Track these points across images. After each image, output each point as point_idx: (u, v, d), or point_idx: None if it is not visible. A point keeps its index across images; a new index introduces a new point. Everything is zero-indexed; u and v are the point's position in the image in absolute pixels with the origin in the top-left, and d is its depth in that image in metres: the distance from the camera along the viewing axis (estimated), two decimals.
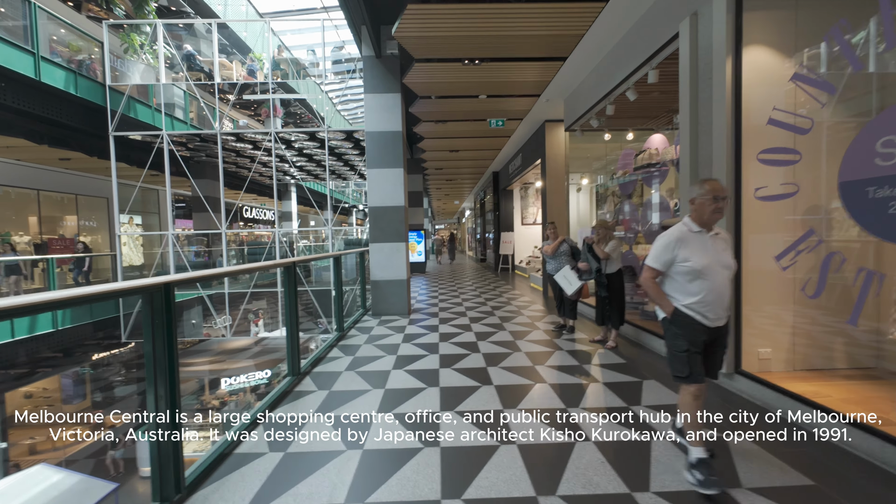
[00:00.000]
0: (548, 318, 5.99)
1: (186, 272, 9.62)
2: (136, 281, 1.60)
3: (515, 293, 8.56)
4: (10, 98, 7.31)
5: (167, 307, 1.82)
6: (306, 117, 15.10)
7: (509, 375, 3.51)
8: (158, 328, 1.79)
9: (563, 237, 5.01)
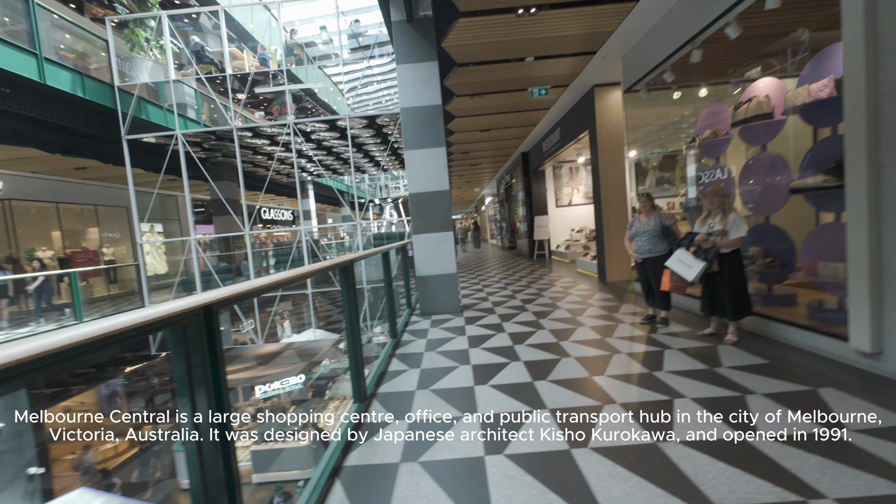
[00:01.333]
0: (623, 308, 5.21)
1: (221, 283, 9.12)
2: (163, 308, 0.94)
3: (566, 281, 7.77)
4: (17, 105, 6.82)
5: (210, 340, 1.14)
6: (318, 111, 14.45)
7: (630, 388, 2.77)
8: (200, 379, 1.12)
9: (658, 211, 4.19)
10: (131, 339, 0.87)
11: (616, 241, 7.17)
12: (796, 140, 4.00)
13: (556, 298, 6.14)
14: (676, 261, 3.66)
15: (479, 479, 1.92)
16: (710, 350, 3.39)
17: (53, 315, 8.25)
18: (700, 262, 3.47)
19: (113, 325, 0.80)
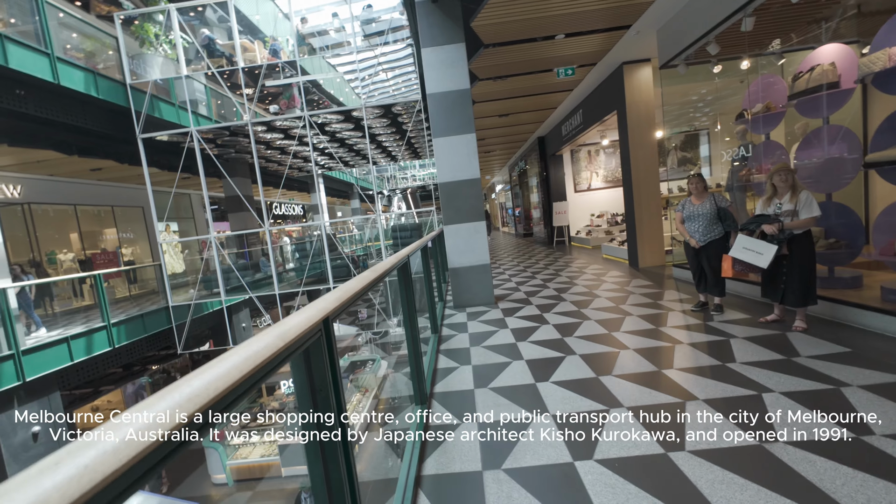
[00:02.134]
0: (667, 295, 5.01)
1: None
2: (294, 326, 0.79)
3: (595, 268, 7.56)
4: (32, 107, 6.71)
5: (329, 349, 1.00)
6: (325, 103, 14.19)
7: (707, 382, 2.60)
8: (321, 387, 0.98)
9: (712, 192, 3.96)
10: (274, 368, 0.72)
11: (648, 225, 6.94)
12: (857, 110, 3.73)
13: (591, 286, 5.96)
14: (741, 249, 3.41)
15: (577, 488, 1.78)
16: (779, 338, 3.20)
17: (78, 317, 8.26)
18: (771, 245, 3.23)
19: (253, 357, 0.65)
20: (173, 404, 0.47)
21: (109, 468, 0.35)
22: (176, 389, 0.51)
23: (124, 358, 7.83)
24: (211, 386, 0.53)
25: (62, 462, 0.33)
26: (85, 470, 0.34)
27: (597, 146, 11.72)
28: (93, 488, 0.34)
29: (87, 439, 0.37)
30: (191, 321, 8.73)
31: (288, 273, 12.04)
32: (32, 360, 5.72)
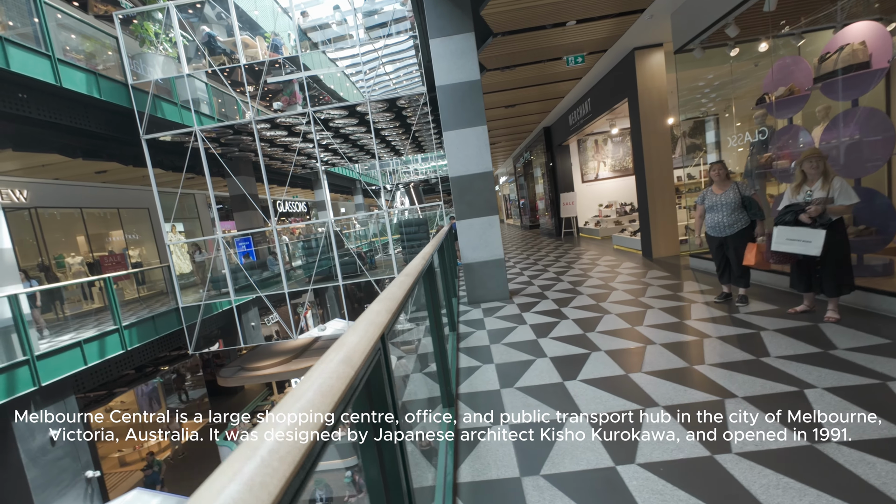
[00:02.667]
0: (686, 286, 4.91)
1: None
2: (358, 347, 0.71)
3: (608, 259, 7.46)
4: (35, 110, 6.64)
5: (387, 362, 0.93)
6: (325, 99, 14.03)
7: (744, 377, 2.51)
8: (379, 395, 0.90)
9: (735, 181, 3.84)
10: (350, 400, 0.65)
11: (662, 215, 6.81)
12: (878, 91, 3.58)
13: (607, 279, 5.86)
14: (785, 241, 3.22)
15: (623, 495, 1.71)
16: (812, 330, 3.10)
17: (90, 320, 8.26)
18: (818, 230, 3.04)
19: (329, 393, 0.57)
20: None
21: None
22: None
23: (137, 360, 7.84)
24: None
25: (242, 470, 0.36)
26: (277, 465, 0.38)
27: (605, 135, 11.54)
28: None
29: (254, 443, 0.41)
30: (201, 321, 8.72)
31: (295, 271, 11.99)
32: (47, 364, 5.72)
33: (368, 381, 0.86)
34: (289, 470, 0.40)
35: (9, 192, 8.95)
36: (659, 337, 3.40)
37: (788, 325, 3.26)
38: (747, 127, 5.53)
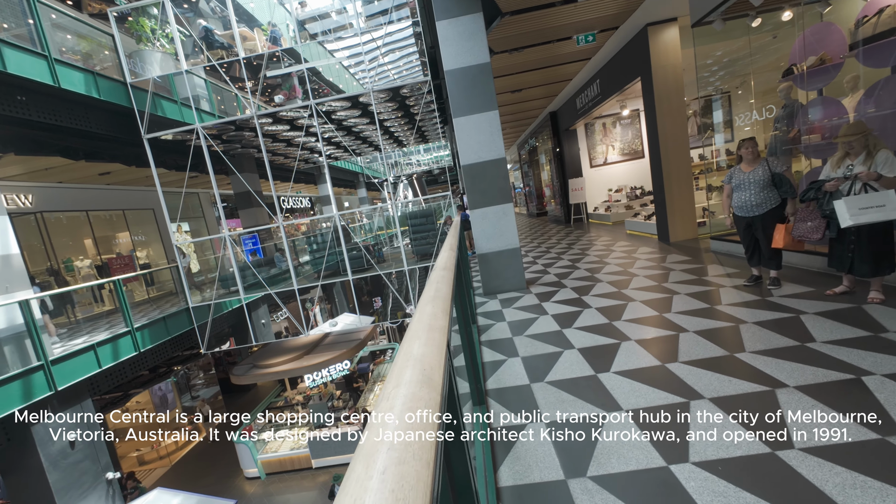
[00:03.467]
0: (711, 270, 4.75)
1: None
2: (426, 364, 0.59)
3: (623, 245, 7.28)
4: (35, 112, 6.52)
5: (451, 377, 0.79)
6: (325, 91, 13.78)
7: (791, 365, 2.37)
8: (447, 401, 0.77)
9: (765, 158, 3.64)
10: None
11: (679, 197, 6.61)
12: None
13: (625, 265, 5.70)
14: (857, 212, 2.83)
15: (683, 498, 1.58)
16: (856, 312, 2.94)
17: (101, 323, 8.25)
18: (888, 191, 2.78)
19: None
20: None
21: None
22: None
23: (150, 361, 7.82)
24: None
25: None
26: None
27: (613, 118, 11.25)
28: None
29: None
30: (212, 321, 8.68)
31: (303, 267, 11.91)
32: (62, 368, 5.69)
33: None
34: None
35: (14, 198, 8.88)
36: (691, 324, 3.25)
37: (829, 307, 3.10)
38: (767, 101, 5.31)
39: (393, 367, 0.60)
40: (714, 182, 6.57)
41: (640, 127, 11.13)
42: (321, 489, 9.01)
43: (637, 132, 11.34)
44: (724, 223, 3.88)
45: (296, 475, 9.84)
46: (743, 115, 6.01)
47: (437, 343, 0.69)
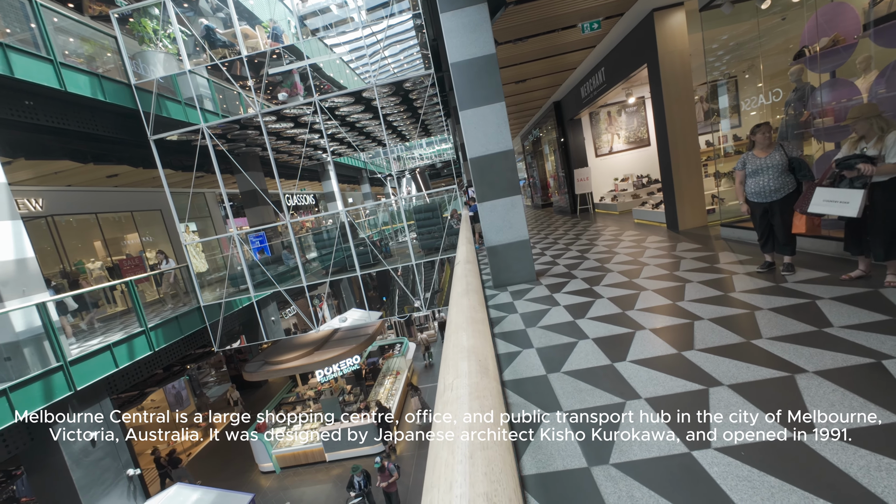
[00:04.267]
0: (723, 257, 4.73)
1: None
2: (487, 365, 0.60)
3: (631, 234, 7.25)
4: (43, 117, 6.58)
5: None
6: (326, 87, 13.74)
7: (809, 350, 2.37)
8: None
9: (780, 143, 3.61)
10: None
11: (688, 185, 6.56)
12: None
13: (635, 254, 5.69)
14: (822, 203, 3.08)
15: (706, 483, 1.60)
16: (874, 296, 2.92)
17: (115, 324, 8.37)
18: (856, 190, 2.90)
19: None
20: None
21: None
22: None
23: (164, 360, 7.93)
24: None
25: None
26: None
27: (619, 106, 11.13)
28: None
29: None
30: (223, 319, 8.78)
31: (311, 264, 11.99)
32: (80, 369, 5.79)
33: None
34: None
35: (25, 202, 8.99)
36: (705, 312, 3.25)
37: (845, 292, 3.09)
38: (775, 85, 5.23)
39: (445, 358, 0.61)
40: (722, 168, 6.51)
41: (645, 114, 11.01)
42: (335, 482, 9.16)
43: (643, 120, 11.23)
44: (738, 210, 3.84)
45: (310, 469, 9.99)
46: (750, 100, 5.93)
47: (484, 334, 0.71)
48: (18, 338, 5.30)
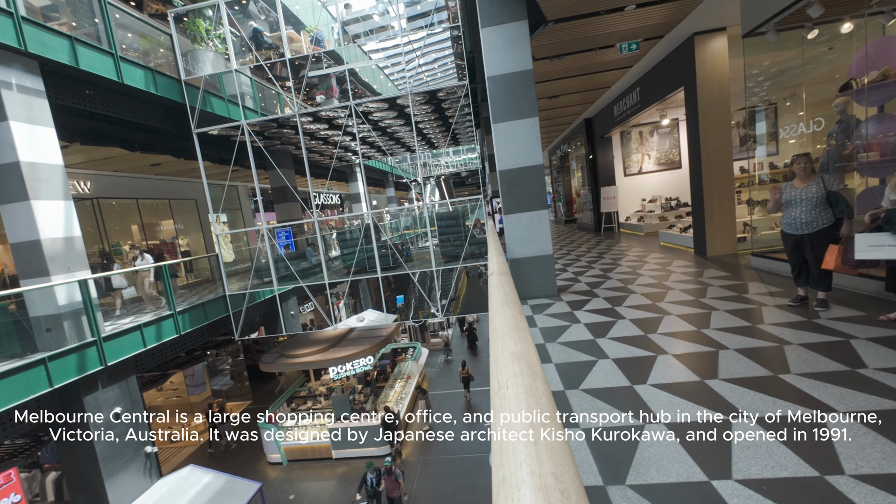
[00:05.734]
0: (752, 287, 4.61)
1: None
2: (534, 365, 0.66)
3: (656, 257, 7.14)
4: (100, 105, 7.01)
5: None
6: (360, 92, 14.10)
7: (840, 391, 2.30)
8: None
9: (821, 174, 3.53)
10: None
11: (720, 211, 6.44)
12: None
13: (659, 277, 5.60)
14: (866, 248, 2.94)
15: None
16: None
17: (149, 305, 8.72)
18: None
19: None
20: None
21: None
22: None
23: (188, 343, 8.23)
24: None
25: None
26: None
27: (651, 126, 11.02)
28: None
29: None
30: (246, 309, 9.05)
31: (333, 262, 12.25)
32: (112, 346, 6.08)
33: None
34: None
35: (75, 184, 9.56)
36: (731, 341, 3.19)
37: (883, 333, 2.98)
38: (817, 114, 5.11)
39: (496, 360, 0.67)
40: (756, 196, 6.36)
41: (678, 136, 10.86)
42: (340, 480, 9.24)
43: (675, 142, 11.07)
44: (771, 239, 3.76)
45: (316, 464, 10.11)
46: (790, 128, 5.80)
47: (528, 342, 0.76)
48: (60, 311, 5.62)
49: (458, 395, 12.11)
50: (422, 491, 8.25)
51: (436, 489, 8.24)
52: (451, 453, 9.36)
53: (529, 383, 0.56)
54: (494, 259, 1.80)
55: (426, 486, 8.37)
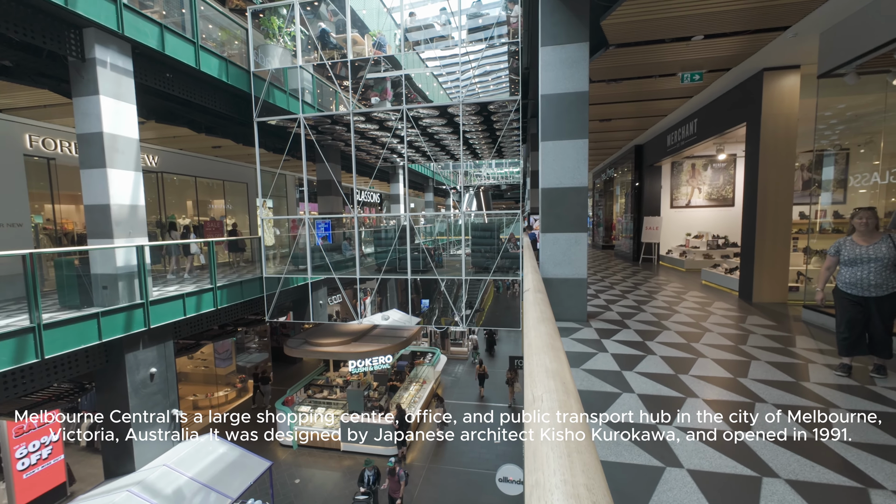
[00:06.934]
0: (799, 342, 4.31)
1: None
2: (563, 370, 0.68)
3: (696, 295, 6.81)
4: (177, 88, 7.60)
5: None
6: (412, 97, 14.46)
7: (891, 467, 2.12)
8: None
9: (888, 232, 3.28)
10: None
11: (772, 255, 6.08)
12: None
13: (697, 317, 5.35)
14: None
15: None
16: None
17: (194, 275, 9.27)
18: None
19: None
20: None
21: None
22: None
23: (223, 318, 8.65)
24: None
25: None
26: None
27: (704, 160, 10.60)
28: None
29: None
30: (279, 292, 9.42)
31: (366, 258, 12.56)
32: (156, 310, 6.51)
33: None
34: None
35: (144, 157, 10.38)
36: (770, 395, 3.00)
37: None
38: (894, 165, 4.74)
39: (531, 374, 0.69)
40: (815, 245, 5.95)
41: (734, 173, 10.37)
42: (345, 473, 9.35)
43: (730, 178, 10.58)
44: (839, 295, 3.46)
45: (324, 454, 10.29)
46: (861, 176, 5.41)
47: (563, 361, 0.78)
48: (117, 272, 6.09)
49: (473, 406, 11.99)
50: (422, 498, 8.21)
51: (437, 499, 8.17)
52: (458, 465, 9.26)
53: (563, 400, 0.58)
54: (530, 276, 1.81)
55: (427, 494, 8.31)
